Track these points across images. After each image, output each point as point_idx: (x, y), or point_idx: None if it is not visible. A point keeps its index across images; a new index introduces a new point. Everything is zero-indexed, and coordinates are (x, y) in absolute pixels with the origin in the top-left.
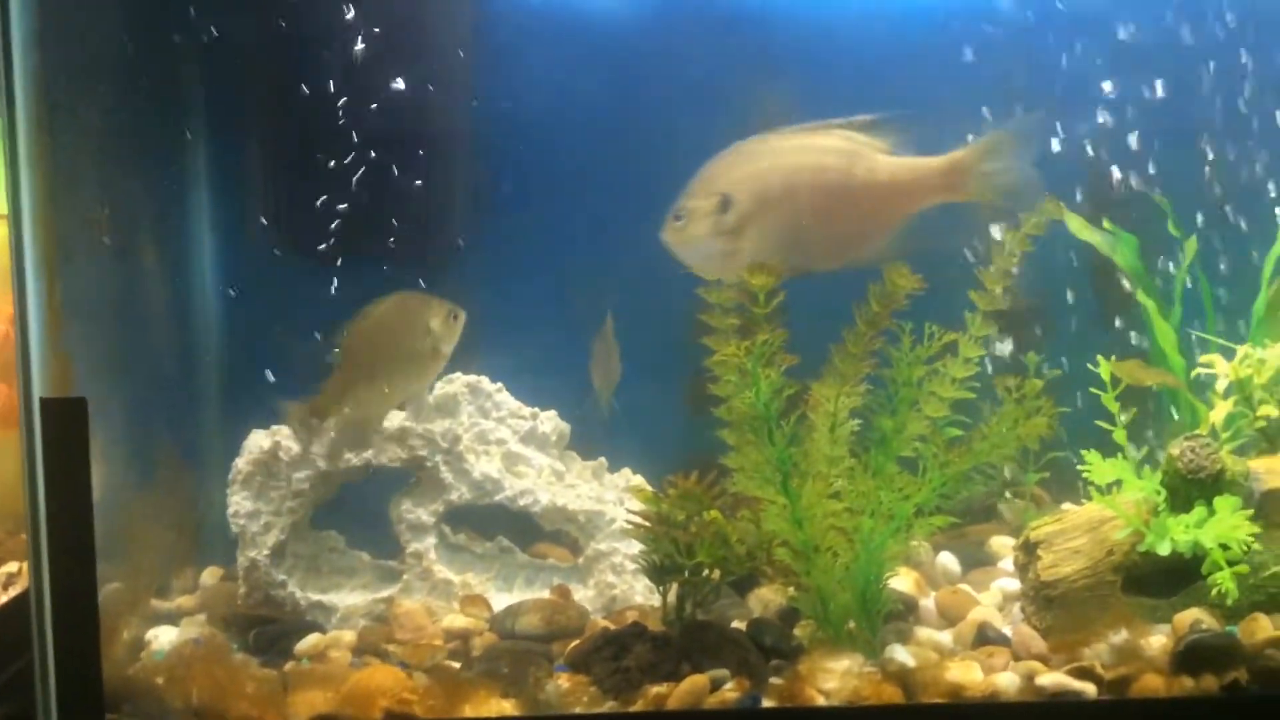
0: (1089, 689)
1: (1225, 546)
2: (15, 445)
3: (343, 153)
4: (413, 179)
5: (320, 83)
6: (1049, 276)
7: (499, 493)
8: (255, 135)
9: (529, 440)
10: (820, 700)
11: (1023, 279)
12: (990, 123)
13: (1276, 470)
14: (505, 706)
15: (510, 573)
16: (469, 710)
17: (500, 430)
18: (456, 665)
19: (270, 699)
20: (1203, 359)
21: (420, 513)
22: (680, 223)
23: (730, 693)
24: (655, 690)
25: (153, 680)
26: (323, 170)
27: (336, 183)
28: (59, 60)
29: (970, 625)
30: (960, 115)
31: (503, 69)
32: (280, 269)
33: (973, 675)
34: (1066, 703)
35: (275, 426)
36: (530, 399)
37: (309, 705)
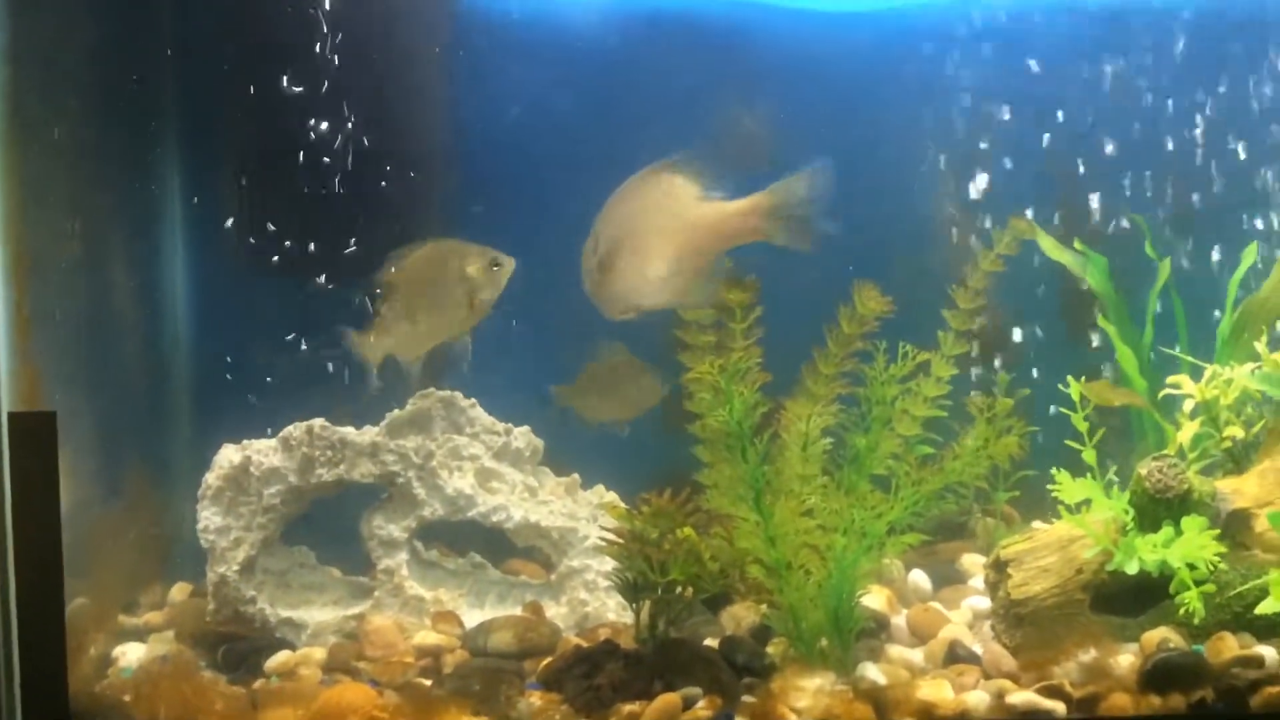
0: (1058, 707)
1: (1192, 566)
2: None
3: (312, 167)
4: (385, 191)
5: (289, 98)
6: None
7: (472, 509)
8: (226, 150)
9: (502, 456)
10: (792, 718)
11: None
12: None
13: (1242, 490)
14: None
15: (482, 589)
16: None
17: (474, 446)
18: (428, 683)
19: (239, 717)
20: (1170, 380)
21: (392, 528)
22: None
23: (703, 711)
24: (628, 708)
25: (120, 698)
26: (294, 185)
27: (308, 196)
28: (30, 75)
29: (941, 643)
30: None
31: (476, 82)
32: (252, 283)
33: (943, 694)
34: None
35: (246, 441)
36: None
37: None
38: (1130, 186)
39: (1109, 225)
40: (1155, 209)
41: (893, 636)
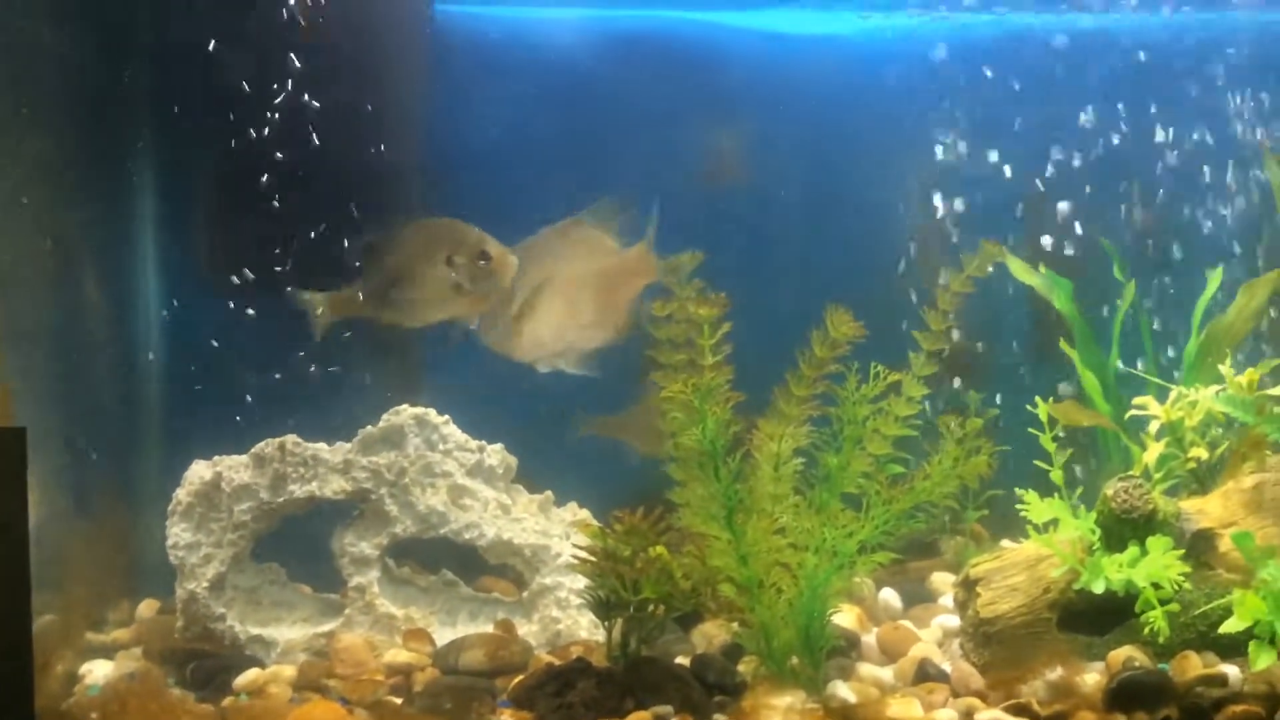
0: None
1: (1157, 585)
2: None
3: (283, 184)
4: (356, 209)
5: (261, 113)
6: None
7: (444, 526)
8: (198, 166)
9: (476, 473)
10: None
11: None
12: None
13: (1206, 511)
14: None
15: (454, 607)
16: None
17: (447, 463)
18: (398, 701)
19: None
20: (1136, 401)
21: (364, 546)
22: None
23: None
24: None
25: (87, 716)
26: (264, 201)
27: (278, 213)
28: None
29: (911, 661)
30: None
31: (450, 102)
32: (224, 299)
33: (913, 712)
34: None
35: (217, 457)
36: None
37: None
38: (1104, 208)
39: (1073, 247)
40: (1124, 233)
41: (863, 654)
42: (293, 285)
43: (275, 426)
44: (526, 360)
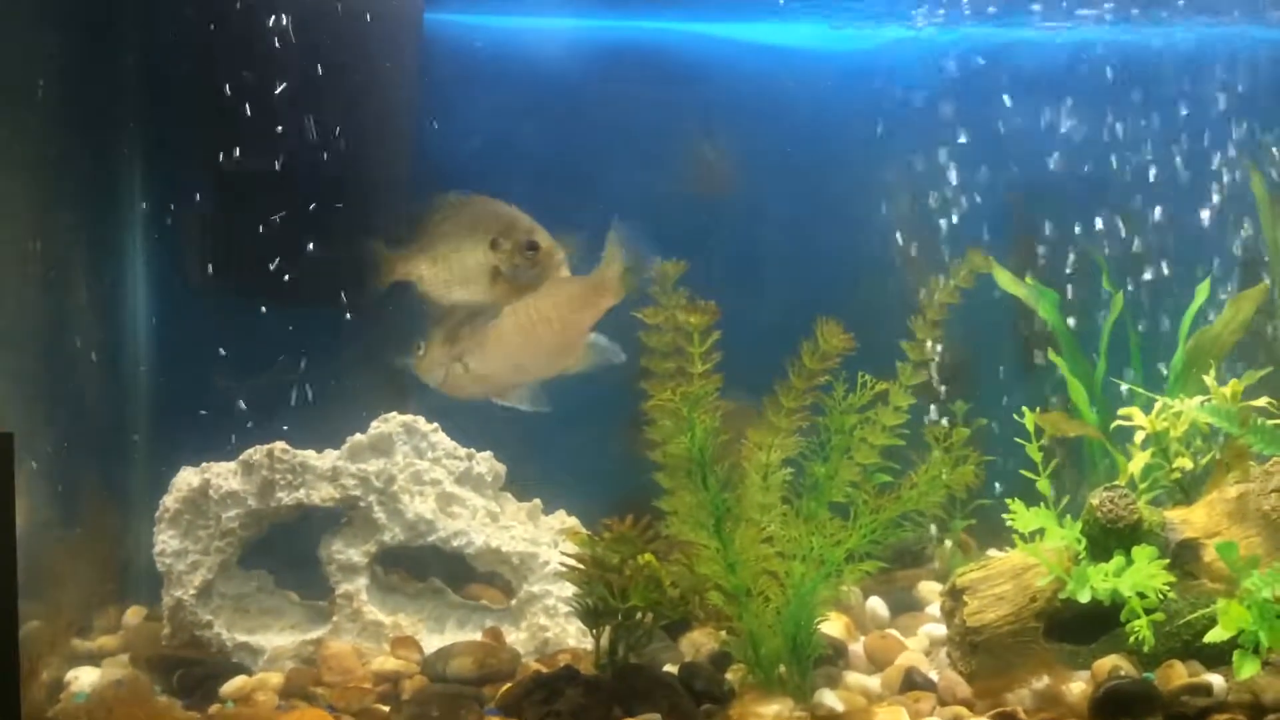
0: None
1: (1142, 595)
2: None
3: (276, 191)
4: (346, 216)
5: (251, 121)
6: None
7: (432, 533)
8: (188, 172)
9: (464, 481)
10: None
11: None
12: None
13: (1191, 521)
14: None
15: (442, 614)
16: None
17: (435, 471)
18: (386, 709)
19: None
20: (1121, 411)
21: (352, 553)
22: None
23: None
24: None
25: None
26: (254, 209)
27: (268, 220)
28: None
29: (898, 670)
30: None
31: (442, 111)
32: (213, 305)
33: None
34: None
35: (205, 464)
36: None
37: None
38: (1098, 220)
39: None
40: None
41: (850, 663)
42: (361, 237)
43: (264, 433)
44: (474, 398)
